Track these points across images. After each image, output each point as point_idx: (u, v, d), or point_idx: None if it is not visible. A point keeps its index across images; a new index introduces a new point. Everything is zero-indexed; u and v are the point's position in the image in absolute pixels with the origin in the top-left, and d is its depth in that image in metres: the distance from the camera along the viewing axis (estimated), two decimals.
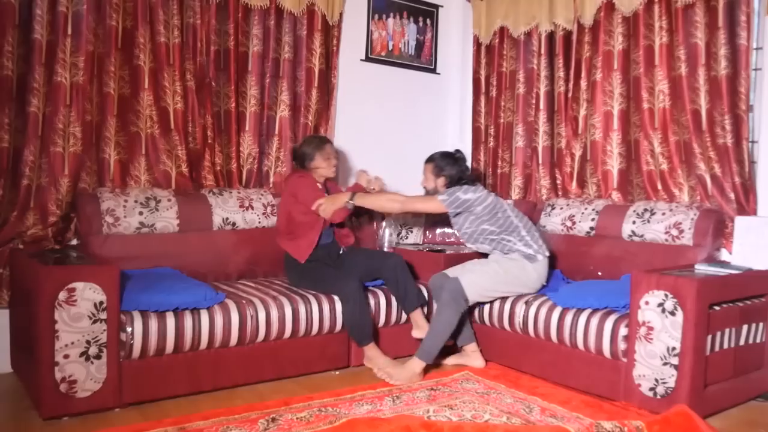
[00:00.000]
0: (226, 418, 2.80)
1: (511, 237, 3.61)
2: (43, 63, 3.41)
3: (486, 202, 3.59)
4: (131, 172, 3.76)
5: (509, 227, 3.61)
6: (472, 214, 3.61)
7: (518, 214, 3.70)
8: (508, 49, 4.74)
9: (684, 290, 2.83)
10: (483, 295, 3.59)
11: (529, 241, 3.62)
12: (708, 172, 3.63)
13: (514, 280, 3.58)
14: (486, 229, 3.62)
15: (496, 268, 3.58)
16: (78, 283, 2.74)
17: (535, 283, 3.62)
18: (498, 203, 3.65)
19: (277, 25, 4.19)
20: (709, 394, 2.96)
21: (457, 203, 3.57)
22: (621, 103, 4.04)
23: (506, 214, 3.63)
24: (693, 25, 3.65)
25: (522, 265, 3.58)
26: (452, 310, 3.45)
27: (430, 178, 3.78)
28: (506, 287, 3.59)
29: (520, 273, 3.58)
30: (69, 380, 2.74)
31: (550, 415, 2.95)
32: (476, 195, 3.57)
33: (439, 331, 3.45)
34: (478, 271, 3.58)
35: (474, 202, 3.57)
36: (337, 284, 3.50)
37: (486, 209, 3.59)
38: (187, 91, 3.88)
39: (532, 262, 3.59)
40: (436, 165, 3.74)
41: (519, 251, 3.59)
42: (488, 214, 3.60)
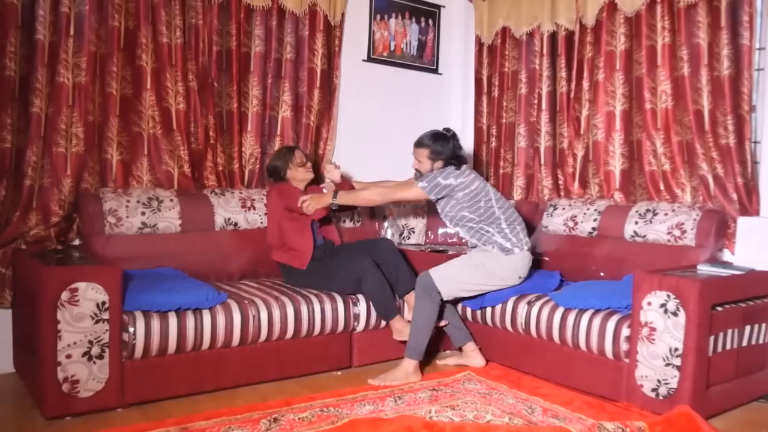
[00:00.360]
0: (228, 419, 2.80)
1: (490, 228, 3.54)
2: (45, 63, 3.41)
3: (469, 188, 3.52)
4: (133, 173, 3.77)
5: (489, 217, 3.54)
6: (452, 199, 3.56)
7: (503, 204, 3.63)
8: (510, 49, 4.74)
9: (686, 291, 2.83)
10: (456, 288, 3.55)
11: (509, 234, 3.55)
12: (710, 172, 3.63)
13: (488, 273, 3.55)
14: (465, 216, 3.56)
15: (467, 260, 3.58)
16: (80, 283, 2.74)
17: (511, 275, 3.58)
18: (483, 191, 3.56)
19: (279, 26, 4.19)
20: (712, 395, 2.96)
21: (437, 189, 3.51)
22: (623, 103, 4.04)
23: (489, 203, 3.56)
24: (695, 26, 3.64)
25: (496, 256, 3.55)
26: (426, 302, 3.45)
27: (425, 162, 3.65)
28: (480, 280, 3.56)
29: (494, 266, 3.54)
30: (71, 380, 2.75)
31: (552, 416, 2.95)
32: (458, 180, 3.50)
33: (419, 326, 3.45)
34: (449, 265, 3.58)
35: (455, 188, 3.51)
36: (349, 269, 3.52)
37: (467, 196, 3.53)
38: (189, 91, 3.88)
39: (507, 254, 3.54)
40: (432, 150, 3.63)
41: (496, 243, 3.54)
42: (469, 201, 3.53)
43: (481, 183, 3.59)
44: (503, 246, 3.54)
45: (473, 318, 3.82)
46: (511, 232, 3.56)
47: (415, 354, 3.44)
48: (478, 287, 3.60)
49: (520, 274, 3.61)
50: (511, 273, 3.58)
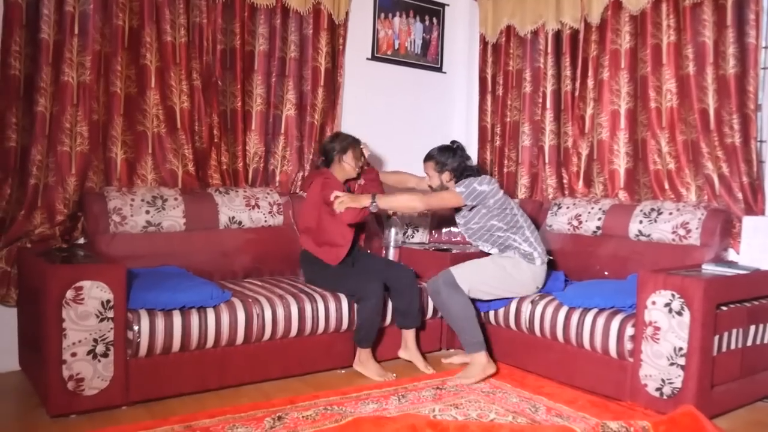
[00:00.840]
0: (232, 417, 2.81)
1: (517, 236, 3.57)
2: (50, 62, 3.42)
3: (497, 196, 3.56)
4: (138, 171, 3.77)
5: (515, 225, 3.58)
6: (484, 207, 3.56)
7: (523, 214, 3.68)
8: (514, 47, 4.73)
9: (691, 290, 2.83)
10: (476, 287, 3.51)
11: (533, 242, 3.58)
12: (716, 171, 3.62)
13: (507, 278, 3.54)
14: (494, 225, 3.58)
15: (490, 262, 3.59)
16: (85, 281, 2.75)
17: (529, 283, 3.58)
18: (506, 199, 3.62)
19: (283, 24, 4.19)
20: (716, 395, 2.95)
21: (474, 194, 3.51)
22: (628, 102, 4.03)
23: (513, 211, 3.60)
24: (701, 24, 3.63)
25: (517, 263, 3.56)
26: (455, 296, 3.44)
27: (433, 175, 3.71)
28: (498, 283, 3.55)
29: (514, 271, 3.55)
30: (76, 378, 2.76)
31: (556, 415, 2.95)
32: (490, 187, 3.53)
33: (463, 320, 3.44)
34: (470, 263, 3.58)
35: (488, 194, 3.52)
36: (360, 283, 3.49)
37: (497, 203, 3.56)
38: (193, 90, 3.89)
39: (528, 261, 3.55)
40: (436, 161, 3.68)
41: (519, 250, 3.56)
42: (499, 209, 3.56)
43: (503, 192, 3.64)
44: (527, 253, 3.55)
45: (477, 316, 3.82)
46: (535, 240, 3.60)
47: (477, 346, 3.43)
48: (496, 290, 3.58)
49: (537, 284, 3.61)
50: (530, 281, 3.58)
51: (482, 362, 3.41)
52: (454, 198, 3.56)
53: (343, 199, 3.45)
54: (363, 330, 3.48)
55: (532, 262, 3.55)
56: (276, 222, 3.99)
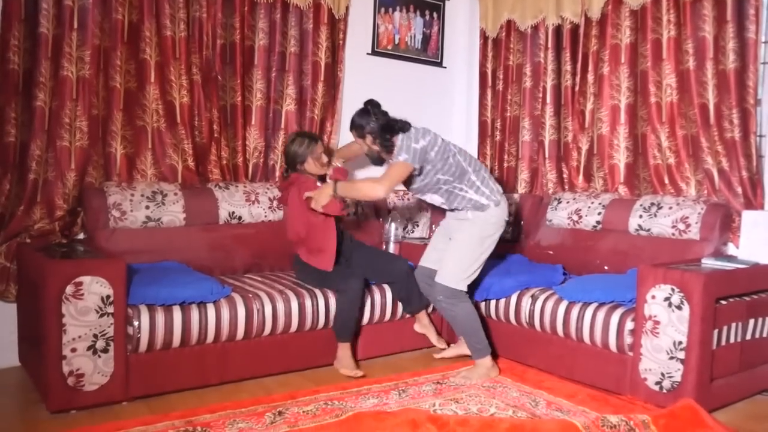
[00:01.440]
0: (232, 412, 2.82)
1: (462, 185, 3.38)
2: (49, 57, 3.41)
3: (437, 145, 3.32)
4: (138, 166, 3.77)
5: (460, 173, 3.37)
6: (427, 163, 3.33)
7: (466, 155, 3.46)
8: (515, 42, 4.72)
9: (690, 284, 2.83)
10: (469, 274, 3.42)
11: (481, 186, 3.41)
12: (715, 166, 3.62)
13: (482, 239, 3.42)
14: (440, 179, 3.37)
15: (460, 246, 3.42)
16: (85, 277, 2.75)
17: (496, 228, 3.45)
18: (447, 145, 3.38)
19: (283, 19, 4.18)
20: (716, 388, 2.96)
21: (418, 155, 3.26)
22: (628, 96, 4.03)
23: (456, 158, 3.38)
24: (701, 19, 3.63)
25: (477, 222, 3.42)
26: (458, 305, 3.40)
27: (360, 143, 3.53)
28: (481, 250, 3.43)
29: (481, 230, 3.41)
30: (76, 374, 2.76)
31: (556, 409, 2.95)
32: (426, 140, 3.29)
33: (468, 328, 3.43)
34: (450, 262, 3.42)
35: (427, 147, 3.28)
36: (339, 279, 3.47)
37: (438, 154, 3.31)
38: (193, 84, 3.88)
39: (484, 211, 3.40)
40: (355, 127, 3.48)
41: (470, 203, 3.40)
42: (441, 161, 3.33)
43: (441, 138, 3.41)
44: (478, 204, 3.40)
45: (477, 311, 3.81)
46: (483, 183, 3.42)
47: (482, 352, 3.43)
48: (483, 258, 3.46)
49: (505, 219, 3.49)
50: (497, 226, 3.45)
51: (487, 365, 3.42)
52: (402, 168, 3.27)
53: (316, 198, 3.43)
54: (339, 324, 3.46)
55: (486, 209, 3.41)
56: (276, 217, 3.98)
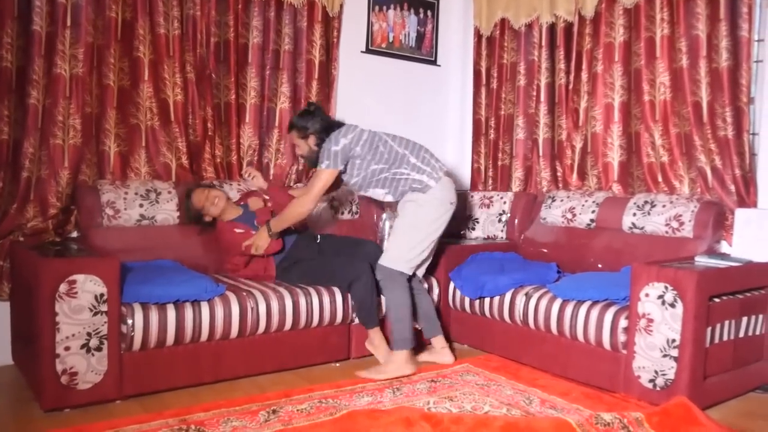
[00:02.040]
0: (226, 410, 2.81)
1: (401, 169, 3.39)
2: (42, 55, 3.40)
3: (362, 139, 3.39)
4: (131, 165, 3.76)
5: (396, 158, 3.40)
6: (356, 158, 3.39)
7: (402, 141, 3.48)
8: (509, 40, 4.73)
9: (684, 282, 2.84)
10: (412, 258, 3.42)
11: (421, 165, 3.40)
12: (708, 164, 3.63)
13: (425, 222, 3.41)
14: (375, 169, 3.40)
15: (401, 228, 3.44)
16: (78, 275, 2.74)
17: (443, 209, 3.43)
18: (375, 136, 3.44)
19: (277, 17, 4.18)
20: (709, 386, 2.97)
21: (338, 157, 3.34)
22: (622, 95, 4.04)
23: (387, 145, 3.41)
24: (694, 17, 3.64)
25: (419, 203, 3.39)
26: (393, 290, 3.39)
27: (300, 144, 3.58)
28: (424, 233, 3.42)
29: (424, 212, 3.39)
30: (70, 372, 2.75)
31: (550, 407, 2.96)
32: (348, 137, 3.37)
33: (398, 315, 3.39)
34: (391, 244, 3.47)
35: (350, 145, 3.36)
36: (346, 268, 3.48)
37: (365, 146, 3.38)
38: (187, 82, 3.87)
39: (425, 192, 3.38)
40: (298, 128, 3.54)
41: (412, 185, 3.39)
42: (370, 151, 3.38)
43: (369, 131, 3.47)
44: (421, 183, 3.38)
45: (471, 309, 3.83)
46: (423, 162, 3.42)
47: (403, 344, 3.38)
48: (429, 243, 3.47)
49: (450, 201, 3.47)
50: (440, 207, 3.42)
51: (402, 359, 3.35)
52: (324, 175, 3.36)
53: (255, 245, 3.53)
54: (363, 311, 3.47)
55: (425, 191, 3.38)
56: None
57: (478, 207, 4.59)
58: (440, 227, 3.47)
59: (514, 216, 4.44)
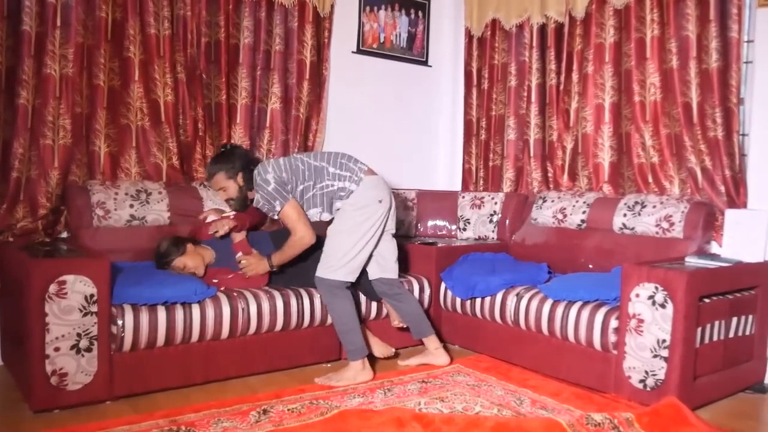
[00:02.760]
0: (217, 411, 2.81)
1: (325, 182, 3.32)
2: (32, 55, 3.38)
3: (281, 166, 3.33)
4: (122, 165, 3.75)
5: (316, 172, 3.33)
6: (288, 184, 3.32)
7: (317, 154, 3.42)
8: (499, 41, 4.74)
9: (674, 283, 2.85)
10: (349, 265, 3.31)
11: (340, 172, 3.32)
12: (699, 164, 3.64)
13: (356, 225, 3.29)
14: (302, 189, 3.34)
15: (334, 236, 3.34)
16: (68, 275, 2.73)
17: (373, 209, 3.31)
18: (291, 159, 3.39)
19: (268, 17, 4.17)
20: (699, 386, 2.98)
21: (280, 191, 3.28)
22: (612, 96, 4.05)
23: (305, 162, 3.36)
24: (684, 18, 3.65)
25: (345, 209, 3.31)
26: (336, 301, 3.32)
27: (229, 185, 3.46)
28: (357, 237, 3.29)
29: (352, 216, 3.30)
30: (60, 373, 2.74)
31: (541, 407, 2.96)
32: (270, 171, 3.29)
33: (344, 326, 3.32)
34: (324, 255, 3.36)
35: (278, 175, 3.29)
36: None
37: (288, 172, 3.32)
38: (177, 83, 3.86)
39: (349, 197, 3.29)
40: (224, 171, 3.44)
41: (338, 193, 3.30)
42: (294, 174, 3.32)
43: (286, 157, 3.46)
44: (344, 191, 3.30)
45: (462, 309, 3.83)
46: (341, 168, 3.33)
47: (356, 353, 3.31)
48: (362, 247, 3.31)
49: (378, 199, 3.33)
50: (367, 209, 3.30)
51: (356, 369, 3.29)
52: (289, 210, 3.30)
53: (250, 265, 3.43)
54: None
55: (348, 196, 3.30)
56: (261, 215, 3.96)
57: (469, 208, 4.59)
58: (373, 227, 3.33)
59: (505, 216, 4.45)
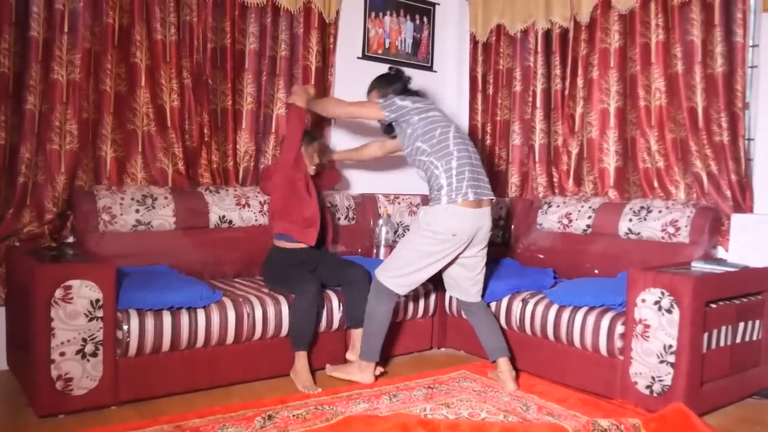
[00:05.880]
0: (222, 416, 2.80)
1: (439, 163, 3.13)
2: (39, 60, 3.40)
3: (426, 113, 3.22)
4: (128, 170, 3.75)
5: (441, 150, 3.14)
6: (408, 125, 3.23)
7: (466, 147, 3.21)
8: (504, 46, 4.74)
9: (680, 288, 2.84)
10: (408, 280, 3.24)
11: (454, 174, 3.11)
12: (704, 169, 3.63)
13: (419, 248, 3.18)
14: (419, 148, 3.19)
15: (405, 246, 3.26)
16: (74, 280, 2.73)
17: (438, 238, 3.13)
18: (443, 120, 3.23)
19: (273, 23, 4.18)
20: (706, 392, 2.96)
21: (394, 108, 3.23)
22: (617, 100, 4.05)
23: (445, 135, 3.18)
24: (689, 23, 3.65)
25: (423, 216, 3.20)
26: (378, 305, 3.26)
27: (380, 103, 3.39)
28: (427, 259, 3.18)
29: (420, 235, 3.17)
30: (65, 378, 2.74)
31: (547, 413, 2.95)
32: (415, 105, 3.23)
33: (373, 329, 3.29)
34: (392, 258, 3.30)
35: (411, 111, 3.21)
36: (296, 283, 3.39)
37: (423, 121, 3.20)
38: (183, 88, 3.87)
39: (432, 206, 3.16)
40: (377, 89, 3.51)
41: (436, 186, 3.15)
42: (424, 128, 3.18)
43: (442, 115, 3.28)
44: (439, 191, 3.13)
45: None
46: (457, 174, 3.11)
47: (368, 356, 3.30)
48: (421, 268, 3.21)
49: (453, 233, 3.12)
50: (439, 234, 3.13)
51: (362, 368, 3.30)
52: (372, 108, 3.35)
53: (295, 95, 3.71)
54: (294, 329, 3.34)
55: (434, 203, 3.15)
56: (266, 221, 3.97)
57: None
58: (439, 254, 3.18)
59: (511, 222, 4.45)
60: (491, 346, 3.37)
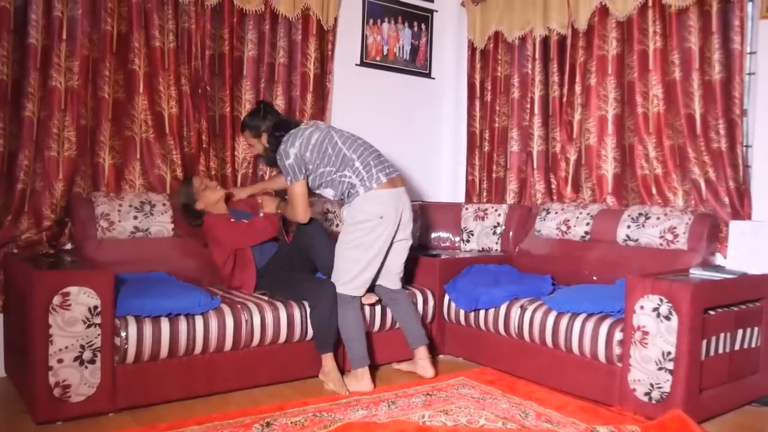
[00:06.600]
0: (220, 423, 2.79)
1: (347, 170, 3.29)
2: (38, 67, 3.40)
3: (311, 143, 3.30)
4: (126, 177, 3.76)
5: (343, 161, 3.29)
6: (309, 163, 3.32)
7: (354, 143, 3.37)
8: (502, 53, 4.75)
9: (679, 295, 2.84)
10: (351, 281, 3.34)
11: (362, 170, 3.28)
12: (702, 176, 3.64)
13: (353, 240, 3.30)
14: (324, 172, 3.32)
15: (342, 247, 3.36)
16: (72, 287, 2.73)
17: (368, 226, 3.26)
18: (326, 137, 3.33)
19: (272, 30, 4.19)
20: (705, 399, 2.96)
21: (294, 168, 3.29)
22: (615, 107, 4.05)
23: (336, 147, 3.31)
24: (687, 30, 3.66)
25: (348, 215, 3.34)
26: (343, 310, 3.34)
27: (254, 143, 3.61)
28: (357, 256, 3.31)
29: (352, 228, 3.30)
30: (63, 385, 2.73)
31: (546, 420, 2.95)
32: (296, 146, 3.29)
33: (349, 335, 3.35)
34: (336, 266, 3.40)
35: (300, 153, 3.29)
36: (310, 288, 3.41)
37: (314, 151, 3.30)
38: (182, 95, 3.88)
39: (352, 201, 3.31)
40: (249, 128, 3.58)
41: (349, 189, 3.30)
42: (319, 156, 3.30)
43: (323, 132, 3.36)
44: (353, 188, 3.29)
45: (466, 322, 3.82)
46: (364, 167, 3.29)
47: (358, 363, 3.33)
48: (367, 263, 3.33)
49: (380, 215, 3.28)
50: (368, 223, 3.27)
51: (358, 377, 3.32)
52: (296, 187, 3.34)
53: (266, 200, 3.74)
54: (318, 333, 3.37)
55: (353, 198, 3.29)
56: None
57: (472, 219, 4.59)
58: (377, 242, 3.31)
59: (509, 228, 4.45)
60: (414, 334, 3.55)
